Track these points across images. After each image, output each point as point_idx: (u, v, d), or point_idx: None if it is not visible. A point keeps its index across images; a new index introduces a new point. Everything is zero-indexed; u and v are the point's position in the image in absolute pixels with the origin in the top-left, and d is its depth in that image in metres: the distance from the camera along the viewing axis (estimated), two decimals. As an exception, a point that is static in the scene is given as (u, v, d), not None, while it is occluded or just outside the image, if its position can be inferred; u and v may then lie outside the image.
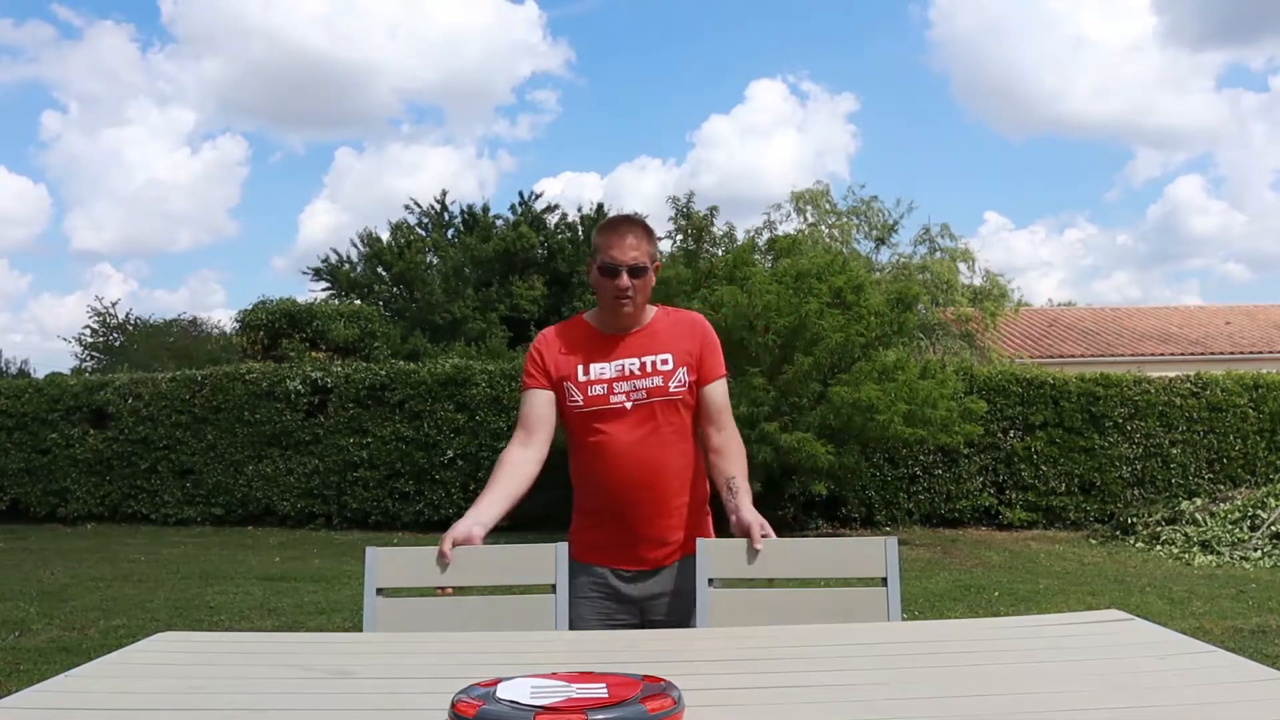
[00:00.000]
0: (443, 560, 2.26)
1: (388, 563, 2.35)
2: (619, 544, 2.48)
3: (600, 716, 1.32)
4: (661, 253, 2.47)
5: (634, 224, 2.50)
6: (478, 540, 2.29)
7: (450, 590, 2.29)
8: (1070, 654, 1.74)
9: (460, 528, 2.30)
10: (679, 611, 2.42)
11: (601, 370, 2.49)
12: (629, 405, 2.46)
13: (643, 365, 2.49)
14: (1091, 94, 48.41)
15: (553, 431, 2.56)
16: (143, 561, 9.19)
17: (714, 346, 2.56)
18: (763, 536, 2.30)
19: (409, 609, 2.38)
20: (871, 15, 49.25)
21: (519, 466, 2.49)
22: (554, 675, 1.51)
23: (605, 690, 1.42)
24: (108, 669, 1.79)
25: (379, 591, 2.33)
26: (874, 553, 2.33)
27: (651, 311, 2.56)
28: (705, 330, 2.57)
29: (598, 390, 2.48)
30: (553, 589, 2.33)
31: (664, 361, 2.48)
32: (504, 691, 1.40)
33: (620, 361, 2.49)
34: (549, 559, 2.36)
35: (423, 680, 1.73)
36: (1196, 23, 49.16)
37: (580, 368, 2.50)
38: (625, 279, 2.42)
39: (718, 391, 2.54)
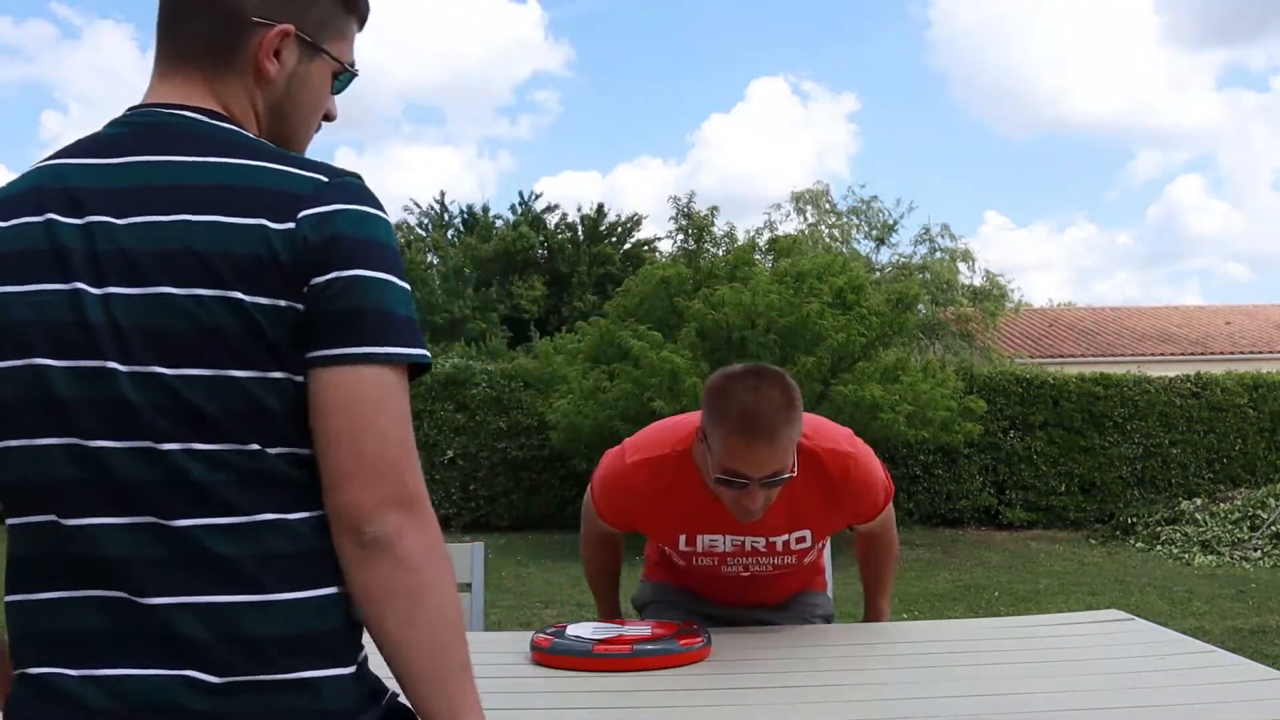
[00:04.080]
0: None
1: None
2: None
3: (643, 646, 1.69)
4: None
5: (773, 426, 1.64)
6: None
7: None
8: (1070, 654, 1.74)
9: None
10: None
11: (712, 542, 1.87)
12: (745, 575, 1.94)
13: (770, 545, 1.85)
14: (1092, 94, 48.42)
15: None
16: (143, 561, 9.18)
17: (863, 495, 1.86)
18: None
19: None
20: (871, 15, 49.24)
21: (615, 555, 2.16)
22: (611, 621, 1.94)
23: (649, 630, 1.78)
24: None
25: None
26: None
27: None
28: (854, 487, 1.84)
29: (705, 563, 1.93)
30: (468, 588, 2.32)
31: (800, 540, 1.86)
32: (571, 630, 1.79)
33: (741, 538, 1.85)
34: (465, 558, 2.35)
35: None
36: (1196, 23, 49.13)
37: (683, 538, 1.88)
38: (759, 497, 1.68)
39: (876, 524, 1.99)
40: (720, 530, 1.85)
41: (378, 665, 0.96)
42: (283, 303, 0.89)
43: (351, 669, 0.94)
